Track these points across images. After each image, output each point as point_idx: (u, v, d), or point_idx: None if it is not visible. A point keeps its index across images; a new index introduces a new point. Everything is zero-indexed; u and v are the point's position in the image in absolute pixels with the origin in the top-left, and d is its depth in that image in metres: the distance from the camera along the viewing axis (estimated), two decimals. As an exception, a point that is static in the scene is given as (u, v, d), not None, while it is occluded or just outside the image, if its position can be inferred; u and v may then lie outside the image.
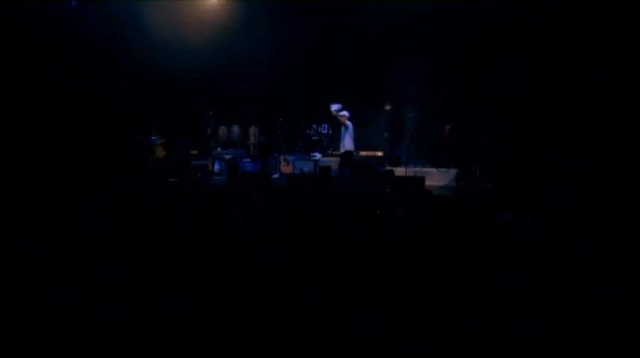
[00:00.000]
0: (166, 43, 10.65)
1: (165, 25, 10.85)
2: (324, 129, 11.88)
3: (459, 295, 3.68)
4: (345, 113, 10.90)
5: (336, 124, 11.31)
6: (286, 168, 10.96)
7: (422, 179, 9.25)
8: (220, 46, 11.04)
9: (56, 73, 9.88)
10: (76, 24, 10.56)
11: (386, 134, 11.37)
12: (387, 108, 11.26)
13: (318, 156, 11.45)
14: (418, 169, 10.56)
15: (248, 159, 11.81)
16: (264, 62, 11.10)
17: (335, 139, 11.62)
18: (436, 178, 10.36)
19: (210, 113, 12.01)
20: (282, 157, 11.05)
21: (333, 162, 10.90)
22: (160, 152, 11.45)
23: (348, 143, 10.89)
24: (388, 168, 10.82)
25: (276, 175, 10.91)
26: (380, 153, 10.99)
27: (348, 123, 10.88)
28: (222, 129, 12.29)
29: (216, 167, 11.38)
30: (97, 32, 10.79)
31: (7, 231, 4.88)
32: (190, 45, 10.81)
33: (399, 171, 10.54)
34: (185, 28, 11.04)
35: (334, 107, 10.92)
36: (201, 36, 11.00)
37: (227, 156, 11.60)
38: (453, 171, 10.51)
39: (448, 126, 10.93)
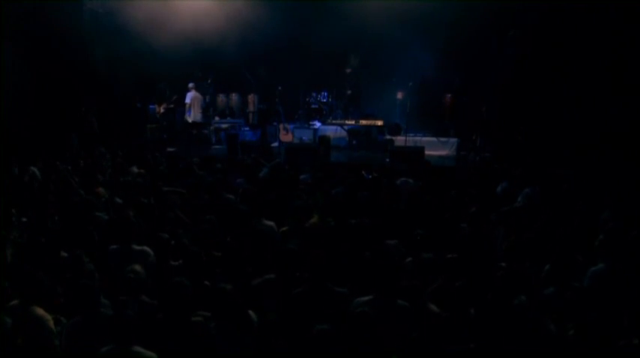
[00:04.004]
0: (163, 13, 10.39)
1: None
2: (324, 97, 11.74)
3: (458, 266, 3.74)
4: (191, 84, 10.97)
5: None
6: (286, 137, 10.90)
7: (421, 149, 9.22)
8: (218, 12, 10.74)
9: (55, 46, 9.73)
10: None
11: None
12: None
13: (317, 124, 11.36)
14: (418, 138, 10.48)
15: (247, 128, 11.71)
16: (263, 28, 10.81)
17: (335, 107, 11.51)
18: (436, 147, 10.31)
19: (209, 81, 11.84)
20: (281, 126, 10.97)
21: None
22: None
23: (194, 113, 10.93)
24: (388, 137, 10.75)
25: (275, 144, 10.85)
26: (380, 122, 10.89)
27: (192, 92, 10.89)
28: (221, 97, 12.12)
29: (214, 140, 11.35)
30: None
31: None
32: (188, 13, 10.54)
33: (399, 140, 10.50)
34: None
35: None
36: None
37: (225, 126, 11.53)
38: (453, 140, 10.45)
39: (449, 95, 10.80)
